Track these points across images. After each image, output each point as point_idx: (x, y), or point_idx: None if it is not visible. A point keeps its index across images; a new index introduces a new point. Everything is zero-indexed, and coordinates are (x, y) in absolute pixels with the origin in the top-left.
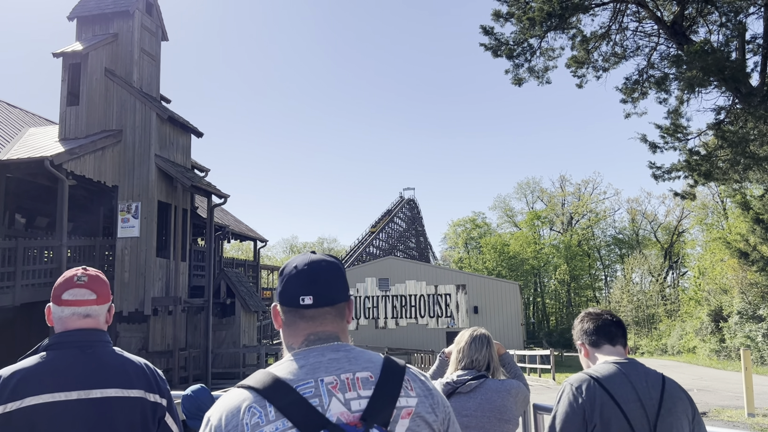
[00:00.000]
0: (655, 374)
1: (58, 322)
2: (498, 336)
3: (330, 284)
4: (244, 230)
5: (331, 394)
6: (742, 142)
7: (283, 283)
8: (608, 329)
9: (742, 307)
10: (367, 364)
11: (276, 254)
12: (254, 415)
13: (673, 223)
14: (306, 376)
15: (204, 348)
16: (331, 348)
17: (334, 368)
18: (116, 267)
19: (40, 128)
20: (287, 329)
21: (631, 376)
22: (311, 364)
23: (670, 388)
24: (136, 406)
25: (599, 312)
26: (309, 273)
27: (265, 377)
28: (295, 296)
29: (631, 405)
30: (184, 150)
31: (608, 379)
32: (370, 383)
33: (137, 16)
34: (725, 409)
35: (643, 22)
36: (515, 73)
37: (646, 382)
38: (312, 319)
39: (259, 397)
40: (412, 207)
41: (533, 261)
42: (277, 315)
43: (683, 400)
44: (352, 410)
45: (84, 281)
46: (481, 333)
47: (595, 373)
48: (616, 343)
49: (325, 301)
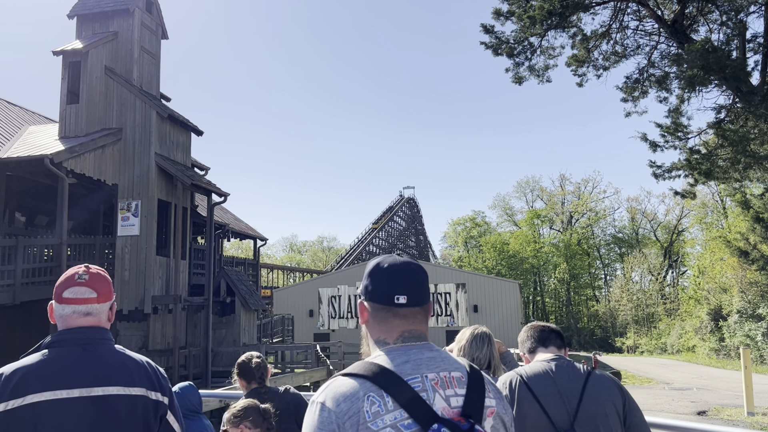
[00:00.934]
0: (581, 370)
1: (60, 320)
2: (498, 335)
3: (421, 285)
4: (244, 229)
5: (435, 390)
6: (743, 141)
7: (375, 281)
8: (541, 335)
9: (742, 306)
10: (457, 365)
11: (276, 253)
12: (374, 403)
13: (672, 222)
14: (413, 371)
15: (204, 346)
16: (427, 347)
17: (434, 366)
18: (116, 265)
19: (40, 126)
20: (378, 325)
21: (554, 371)
22: (414, 360)
23: (595, 380)
24: (138, 404)
25: (536, 324)
26: (403, 273)
27: (376, 368)
28: (390, 295)
29: (549, 398)
30: (184, 148)
31: (531, 376)
32: (462, 382)
33: (137, 14)
34: (725, 408)
35: (643, 21)
36: (516, 71)
37: (568, 376)
38: (405, 317)
39: (375, 386)
40: (412, 205)
41: (533, 260)
42: (364, 311)
43: (609, 389)
44: (451, 406)
45: (85, 279)
46: (482, 331)
47: (522, 371)
48: (548, 345)
49: (417, 301)
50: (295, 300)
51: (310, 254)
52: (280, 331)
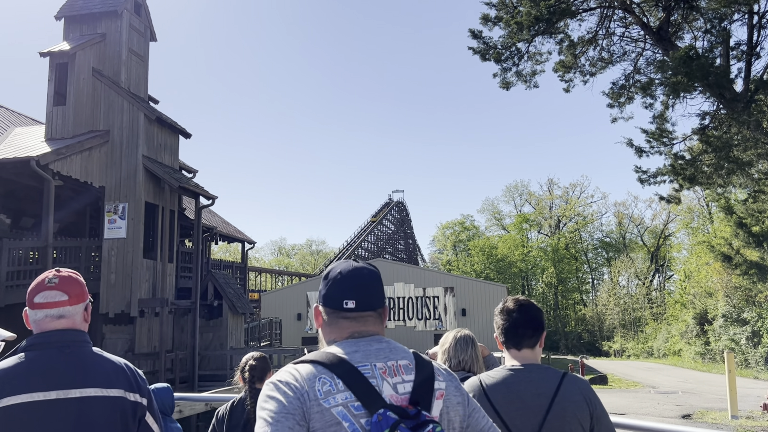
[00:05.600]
0: (552, 378)
1: (34, 325)
2: (485, 339)
3: (370, 291)
4: (232, 232)
5: (383, 378)
6: (726, 147)
7: (327, 287)
8: (515, 331)
9: (727, 310)
10: (405, 354)
11: (264, 256)
12: (325, 383)
13: (659, 227)
14: (363, 359)
15: (191, 350)
16: (375, 339)
17: (382, 356)
18: (102, 268)
19: (26, 128)
20: (329, 328)
21: (520, 383)
22: (363, 350)
23: (564, 392)
24: (116, 406)
25: (512, 307)
26: (352, 279)
27: (329, 355)
28: (339, 299)
29: (512, 413)
30: (172, 151)
31: (494, 387)
32: (410, 369)
33: (125, 16)
34: (709, 411)
35: (629, 28)
36: (503, 76)
37: (536, 389)
38: (355, 320)
39: (326, 370)
40: (401, 209)
41: (521, 264)
42: (319, 315)
43: (577, 402)
44: (399, 393)
45: (55, 283)
46: (464, 334)
47: (485, 381)
48: (522, 347)
49: (366, 306)
50: (283, 303)
51: (299, 257)
52: (268, 335)
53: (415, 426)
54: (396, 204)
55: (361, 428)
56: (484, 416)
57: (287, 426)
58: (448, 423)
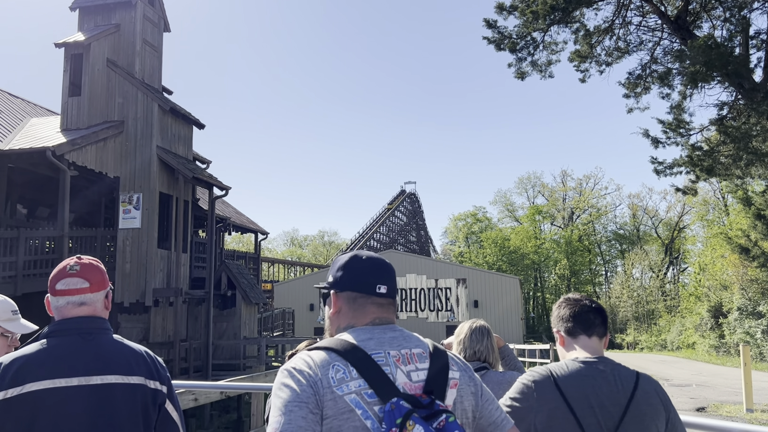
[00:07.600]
0: (628, 376)
1: (56, 311)
2: (498, 330)
3: (395, 279)
4: (245, 222)
5: (396, 366)
6: (745, 138)
7: (355, 272)
8: (585, 316)
9: (742, 303)
10: (418, 342)
11: (277, 247)
12: (339, 371)
13: (674, 219)
14: (376, 347)
15: (205, 339)
16: (390, 328)
17: (395, 344)
18: (117, 258)
19: (41, 118)
20: (352, 312)
21: (596, 377)
22: (377, 338)
23: (642, 393)
24: (137, 393)
25: (578, 298)
26: (382, 266)
27: (343, 342)
28: (373, 285)
29: (587, 411)
30: (186, 141)
31: (566, 380)
32: (423, 357)
33: (139, 7)
34: (724, 405)
35: (646, 17)
36: (518, 66)
37: (614, 386)
38: (381, 306)
39: (340, 357)
40: (413, 201)
41: (534, 256)
42: (337, 301)
43: (654, 405)
44: (413, 381)
45: (76, 270)
46: (480, 324)
47: (556, 371)
48: (592, 334)
49: (393, 292)
50: (295, 294)
51: (311, 248)
52: (281, 325)
53: (428, 415)
54: (408, 195)
55: (374, 415)
56: (497, 408)
57: (300, 416)
58: (462, 413)
